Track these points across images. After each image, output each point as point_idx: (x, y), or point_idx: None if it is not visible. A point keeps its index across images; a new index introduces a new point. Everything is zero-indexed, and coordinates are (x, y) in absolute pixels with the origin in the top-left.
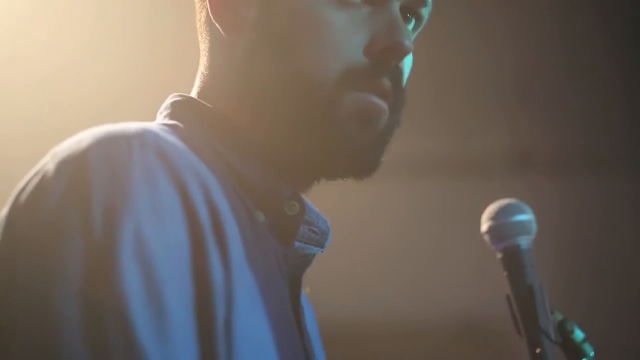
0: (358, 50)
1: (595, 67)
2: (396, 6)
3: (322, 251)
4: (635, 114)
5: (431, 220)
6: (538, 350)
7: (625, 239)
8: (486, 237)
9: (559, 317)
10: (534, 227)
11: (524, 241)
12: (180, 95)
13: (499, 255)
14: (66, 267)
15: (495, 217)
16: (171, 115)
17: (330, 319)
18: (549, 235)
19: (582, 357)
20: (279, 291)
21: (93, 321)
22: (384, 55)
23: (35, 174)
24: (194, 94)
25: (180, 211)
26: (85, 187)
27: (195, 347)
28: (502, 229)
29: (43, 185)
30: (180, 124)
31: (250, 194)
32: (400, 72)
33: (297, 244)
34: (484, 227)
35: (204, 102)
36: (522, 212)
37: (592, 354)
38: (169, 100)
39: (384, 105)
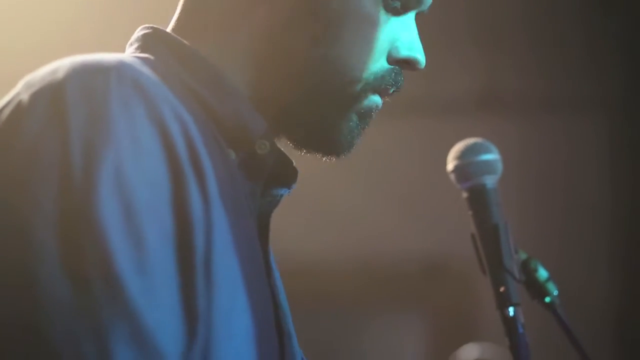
0: (385, 54)
1: (556, 9)
2: (414, 16)
3: (289, 192)
4: (595, 55)
5: (397, 160)
6: (502, 289)
7: (587, 179)
8: (452, 177)
9: (523, 256)
10: (499, 167)
11: (490, 180)
12: (150, 28)
13: (465, 195)
14: (46, 198)
15: (461, 156)
16: (142, 48)
17: (297, 256)
18: (514, 176)
19: (546, 296)
20: (249, 230)
21: (72, 252)
22: (401, 64)
23: (7, 105)
24: (169, 28)
25: (158, 145)
26: (63, 119)
27: (175, 279)
28: (467, 168)
29: (18, 116)
30: (151, 57)
31: (222, 131)
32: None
33: (265, 184)
34: (450, 166)
35: (179, 38)
36: (487, 151)
37: (555, 292)
38: (140, 32)
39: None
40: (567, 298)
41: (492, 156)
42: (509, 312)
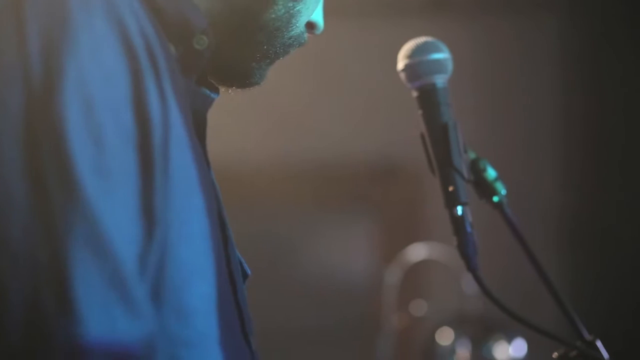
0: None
1: None
2: None
3: (217, 96)
4: None
5: (348, 62)
6: (451, 188)
7: (537, 81)
8: (402, 75)
9: (472, 155)
10: (449, 66)
11: (440, 79)
12: None
13: (415, 94)
14: (7, 98)
15: (411, 55)
16: None
17: (252, 160)
18: (464, 76)
19: (494, 195)
20: (191, 127)
21: (32, 153)
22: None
23: None
24: None
25: (118, 42)
26: (22, 18)
27: (134, 181)
28: (418, 67)
29: None
30: None
31: (164, 25)
32: None
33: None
34: (400, 65)
35: None
36: (438, 50)
37: (503, 192)
38: None
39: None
40: (514, 197)
41: (443, 55)
42: (457, 211)
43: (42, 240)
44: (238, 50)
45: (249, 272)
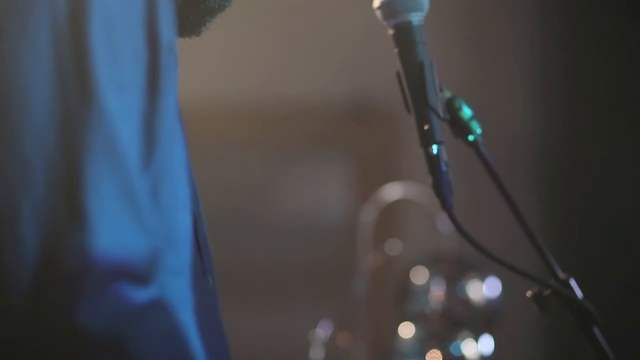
0: None
1: None
2: None
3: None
4: None
5: None
6: (426, 127)
7: (511, 18)
8: (378, 13)
9: (447, 94)
10: (426, 4)
11: (416, 17)
12: None
13: (391, 32)
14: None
15: None
16: None
17: (221, 99)
18: (439, 13)
19: (469, 134)
20: None
21: (56, 62)
22: None
23: None
24: None
25: None
26: None
27: (142, 98)
28: (394, 4)
29: None
30: None
31: None
32: None
33: None
34: (376, 2)
35: None
36: None
37: (478, 131)
38: None
39: None
40: (489, 137)
41: None
42: (432, 149)
43: (58, 148)
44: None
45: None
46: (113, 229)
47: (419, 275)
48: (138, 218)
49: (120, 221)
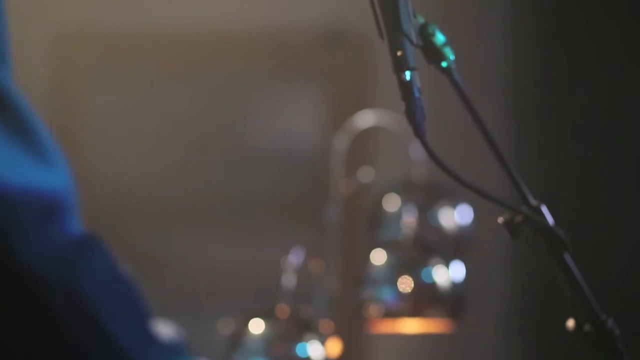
0: None
1: None
2: None
3: None
4: None
5: None
6: (399, 53)
7: None
8: None
9: (420, 20)
10: None
11: None
12: None
13: None
14: None
15: None
16: None
17: (197, 25)
18: None
19: (442, 60)
20: None
21: None
22: None
23: None
24: None
25: None
26: None
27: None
28: None
29: None
30: None
31: None
32: None
33: None
34: None
35: None
36: None
37: (452, 57)
38: None
39: None
40: (462, 65)
41: None
42: (405, 76)
43: None
44: None
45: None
46: (14, 171)
47: (391, 203)
48: (39, 153)
49: (20, 160)
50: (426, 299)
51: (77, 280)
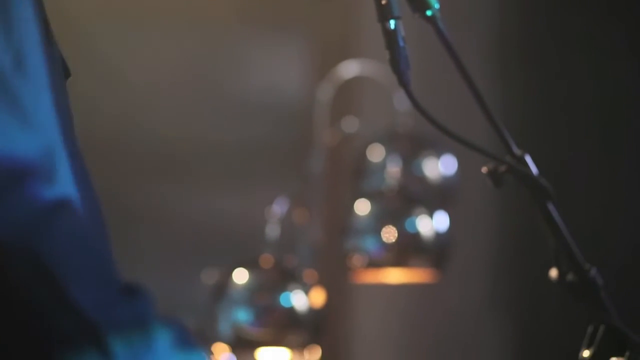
0: None
1: None
2: None
3: None
4: None
5: None
6: (384, 2)
7: None
8: None
9: None
10: None
11: None
12: None
13: None
14: None
15: None
16: None
17: None
18: None
19: (427, 9)
20: None
21: None
22: None
23: None
24: None
25: None
26: None
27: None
28: None
29: None
30: None
31: None
32: None
33: None
34: None
35: None
36: None
37: (436, 6)
38: None
39: None
40: (447, 11)
41: None
42: (389, 24)
43: None
44: None
45: (69, 71)
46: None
47: (375, 153)
48: (20, 113)
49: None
50: (410, 249)
51: (40, 246)
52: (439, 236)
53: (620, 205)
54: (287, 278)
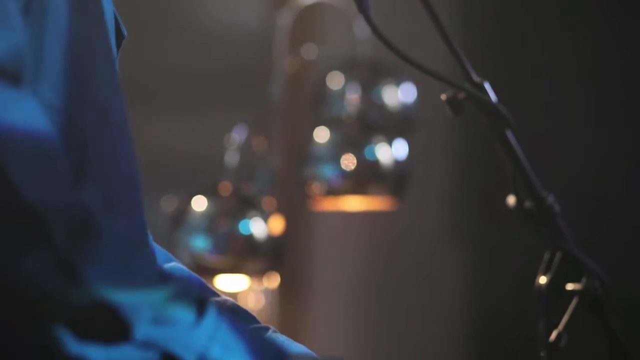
0: None
1: None
2: None
3: None
4: None
5: None
6: None
7: None
8: None
9: None
10: None
11: None
12: None
13: None
14: None
15: None
16: None
17: None
18: None
19: None
20: None
21: None
22: None
23: None
24: None
25: None
26: None
27: None
28: None
29: None
30: None
31: None
32: None
33: None
34: None
35: None
36: None
37: None
38: None
39: None
40: None
41: None
42: None
43: None
44: None
45: (125, 33)
46: None
47: (335, 80)
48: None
49: None
50: (369, 177)
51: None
52: (398, 164)
53: (575, 134)
54: (246, 205)
